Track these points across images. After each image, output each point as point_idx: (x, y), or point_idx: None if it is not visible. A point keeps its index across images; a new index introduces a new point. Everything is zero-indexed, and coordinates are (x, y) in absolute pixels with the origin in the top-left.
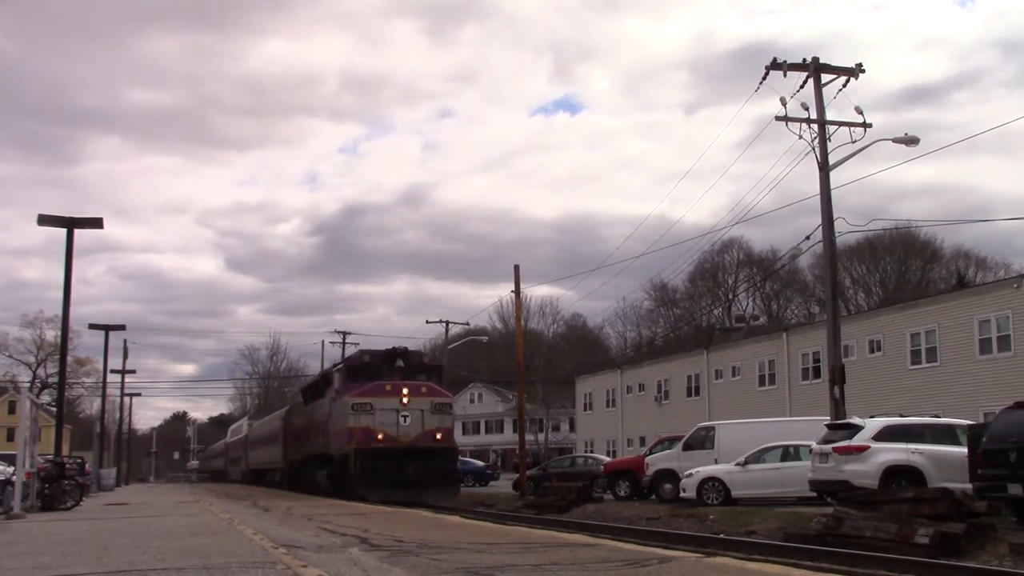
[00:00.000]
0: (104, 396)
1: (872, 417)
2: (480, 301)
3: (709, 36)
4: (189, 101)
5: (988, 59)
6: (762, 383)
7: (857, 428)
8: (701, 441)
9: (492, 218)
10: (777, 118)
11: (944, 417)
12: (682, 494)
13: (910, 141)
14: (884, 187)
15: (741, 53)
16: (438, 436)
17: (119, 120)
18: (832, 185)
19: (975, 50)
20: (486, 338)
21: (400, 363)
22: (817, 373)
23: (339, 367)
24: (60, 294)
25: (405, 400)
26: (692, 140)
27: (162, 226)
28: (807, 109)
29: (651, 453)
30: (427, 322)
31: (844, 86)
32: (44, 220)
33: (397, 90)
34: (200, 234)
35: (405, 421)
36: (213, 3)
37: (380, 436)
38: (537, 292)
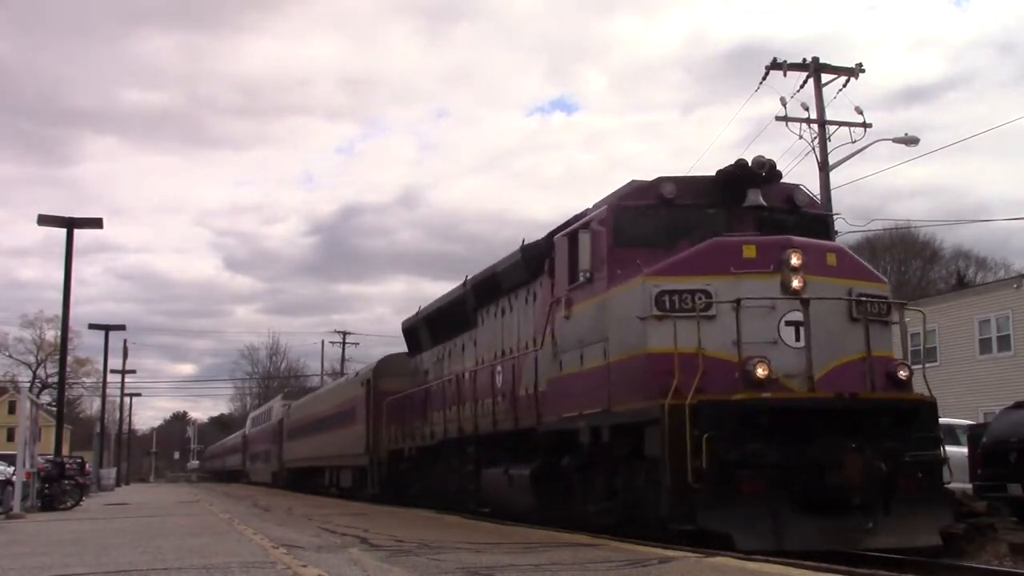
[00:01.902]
0: (104, 396)
1: None
2: None
3: (704, 36)
4: (184, 101)
5: (983, 59)
6: None
7: None
8: None
9: (488, 218)
10: (777, 118)
11: (944, 417)
12: None
13: (910, 141)
14: (880, 187)
15: (736, 53)
16: (900, 373)
17: (114, 120)
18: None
19: (970, 50)
20: None
21: (756, 198)
22: None
23: (589, 218)
24: (58, 294)
25: (797, 282)
26: (688, 140)
27: (159, 226)
28: (807, 109)
29: None
30: None
31: (844, 86)
32: (44, 220)
33: (392, 90)
34: (197, 234)
35: (798, 338)
36: (206, 3)
37: (760, 372)
38: None
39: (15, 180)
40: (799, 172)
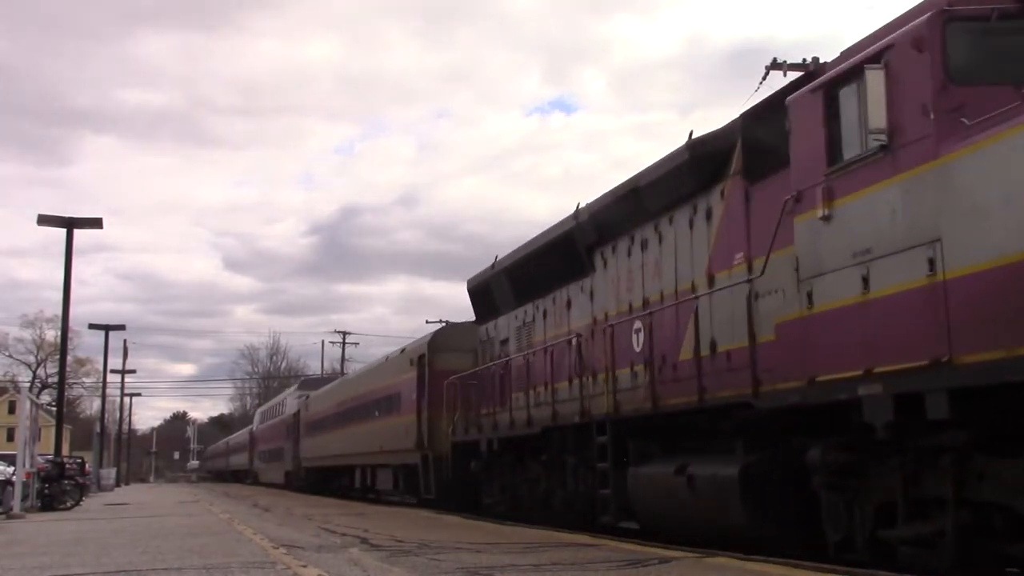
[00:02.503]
0: (104, 396)
1: None
2: None
3: (703, 36)
4: (182, 101)
5: None
6: None
7: None
8: None
9: (487, 218)
10: None
11: None
12: None
13: None
14: None
15: (736, 53)
16: None
17: (113, 120)
18: None
19: None
20: None
21: None
22: None
23: (880, 46)
24: (56, 294)
25: None
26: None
27: (158, 226)
28: None
29: None
30: (427, 322)
31: None
32: (44, 220)
33: (392, 90)
34: (196, 234)
35: None
36: (205, 3)
37: None
38: None
39: (14, 180)
40: None
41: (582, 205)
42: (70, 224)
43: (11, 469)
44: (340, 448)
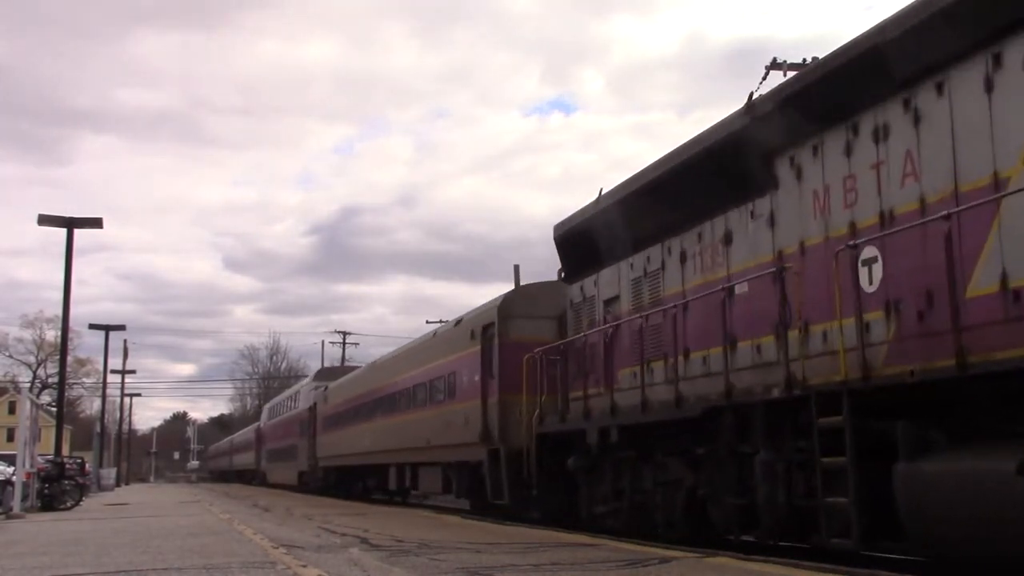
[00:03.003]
0: (104, 396)
1: None
2: (476, 301)
3: (702, 37)
4: (182, 101)
5: None
6: None
7: None
8: None
9: (486, 218)
10: None
11: None
12: None
13: None
14: None
15: (734, 54)
16: None
17: (112, 120)
18: None
19: None
20: None
21: None
22: None
23: None
24: (56, 294)
25: None
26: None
27: (157, 226)
28: None
29: None
30: (427, 322)
31: None
32: (44, 220)
33: (391, 90)
34: (196, 234)
35: None
36: (205, 3)
37: None
38: None
39: (14, 180)
40: None
41: (757, 96)
42: (70, 224)
43: (11, 469)
44: (369, 444)
